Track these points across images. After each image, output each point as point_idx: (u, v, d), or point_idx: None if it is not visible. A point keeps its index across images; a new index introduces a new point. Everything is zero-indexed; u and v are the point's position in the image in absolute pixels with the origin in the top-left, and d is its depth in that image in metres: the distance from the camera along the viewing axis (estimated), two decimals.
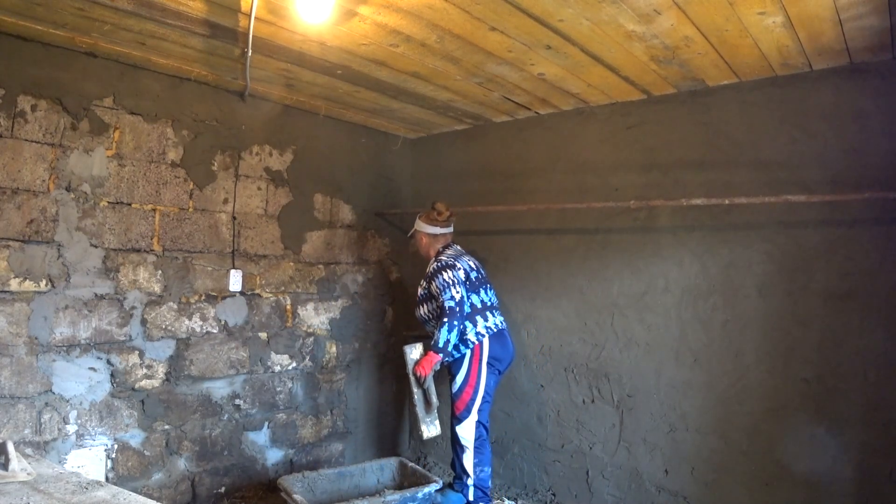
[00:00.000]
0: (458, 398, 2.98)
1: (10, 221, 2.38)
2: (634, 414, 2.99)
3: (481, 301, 3.04)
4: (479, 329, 2.97)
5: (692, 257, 2.81)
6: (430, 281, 3.02)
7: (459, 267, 2.99)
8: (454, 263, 2.99)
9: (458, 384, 2.98)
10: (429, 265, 3.12)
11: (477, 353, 2.96)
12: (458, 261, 3.03)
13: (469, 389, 2.95)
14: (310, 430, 3.51)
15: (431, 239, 3.19)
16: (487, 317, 3.02)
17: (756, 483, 2.59)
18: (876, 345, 2.33)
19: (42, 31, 2.34)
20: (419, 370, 2.94)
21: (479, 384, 2.95)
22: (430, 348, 2.93)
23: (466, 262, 3.08)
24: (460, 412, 2.97)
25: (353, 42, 2.39)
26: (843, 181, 2.39)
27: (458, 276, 2.94)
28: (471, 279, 3.03)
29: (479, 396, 2.95)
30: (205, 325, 3.01)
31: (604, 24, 2.15)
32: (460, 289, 2.91)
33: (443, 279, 2.93)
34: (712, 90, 2.77)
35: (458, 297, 2.89)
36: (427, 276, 3.07)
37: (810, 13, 1.98)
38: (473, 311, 2.99)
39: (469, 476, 2.97)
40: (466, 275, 3.01)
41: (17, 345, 2.39)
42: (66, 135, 2.53)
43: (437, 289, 2.95)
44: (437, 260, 3.07)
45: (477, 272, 3.11)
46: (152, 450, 2.81)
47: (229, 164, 3.11)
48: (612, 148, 3.12)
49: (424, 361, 2.94)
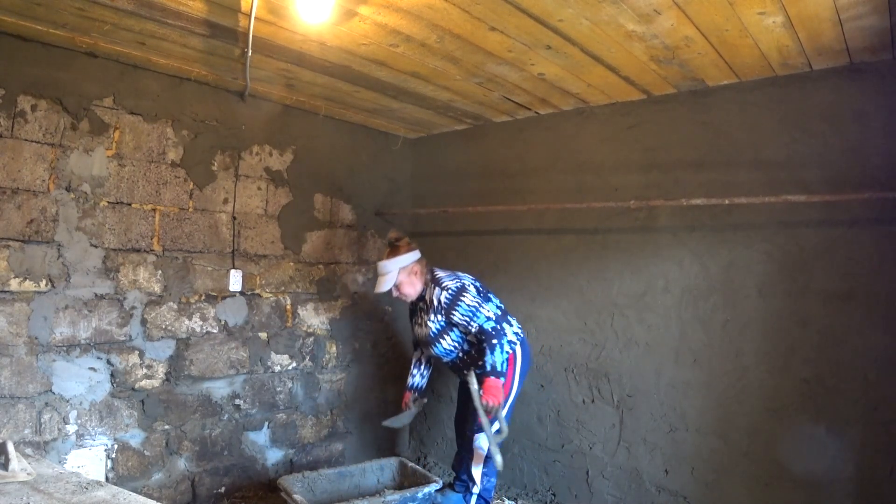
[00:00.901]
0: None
1: (10, 221, 2.38)
2: (634, 414, 2.98)
3: (498, 307, 2.81)
4: (510, 337, 2.74)
5: (692, 257, 2.81)
6: (448, 312, 2.70)
7: (469, 284, 2.75)
8: (462, 284, 2.72)
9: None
10: (427, 294, 2.79)
11: (512, 362, 2.76)
12: (460, 279, 2.77)
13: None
14: (310, 430, 3.51)
15: (413, 269, 2.76)
16: (511, 321, 2.83)
17: (756, 483, 2.59)
18: (876, 345, 2.32)
19: (42, 31, 2.33)
20: (492, 400, 2.52)
21: (511, 395, 2.76)
22: (490, 374, 2.57)
23: (462, 274, 2.85)
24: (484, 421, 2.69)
25: (353, 42, 2.39)
26: (843, 181, 2.39)
27: (476, 294, 2.70)
28: (479, 289, 2.79)
29: (507, 407, 2.74)
30: (205, 325, 3.01)
31: (604, 24, 2.15)
32: (488, 306, 2.69)
33: (467, 305, 2.66)
34: (712, 90, 2.77)
35: (493, 315, 2.66)
36: (438, 309, 2.72)
37: (810, 13, 1.98)
38: (499, 318, 2.75)
39: (475, 484, 2.81)
40: (478, 290, 2.78)
41: (17, 345, 2.39)
42: (66, 135, 2.53)
43: (463, 317, 2.67)
44: (438, 287, 2.73)
45: (477, 281, 2.90)
46: (152, 450, 2.81)
47: (229, 164, 3.11)
48: (612, 148, 3.11)
49: (492, 390, 2.54)
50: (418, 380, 3.12)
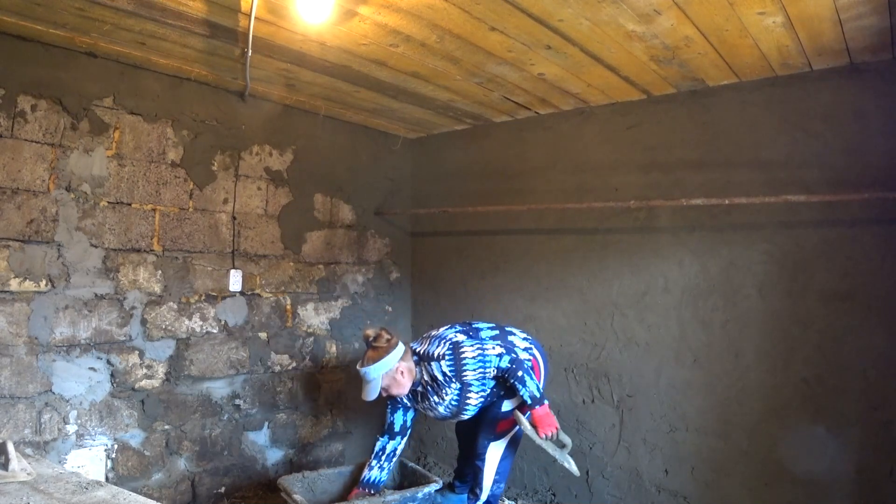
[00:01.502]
0: (508, 417, 2.61)
1: (10, 221, 2.38)
2: (634, 414, 2.99)
3: (489, 327, 2.75)
4: (522, 346, 2.69)
5: (692, 257, 2.81)
6: (459, 377, 2.51)
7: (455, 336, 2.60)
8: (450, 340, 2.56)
9: (512, 405, 2.62)
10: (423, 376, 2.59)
11: (537, 369, 2.69)
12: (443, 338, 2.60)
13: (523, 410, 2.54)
14: (310, 430, 3.51)
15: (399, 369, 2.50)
16: (515, 332, 2.78)
17: (756, 483, 2.59)
18: (876, 345, 2.33)
19: (42, 31, 2.33)
20: (550, 431, 2.46)
21: None
22: (531, 407, 2.47)
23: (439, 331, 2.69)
24: (501, 430, 2.65)
25: (353, 42, 2.39)
26: (843, 181, 2.39)
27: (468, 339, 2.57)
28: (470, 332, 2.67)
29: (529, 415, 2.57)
30: (205, 325, 3.01)
31: (604, 24, 2.15)
32: (491, 343, 2.56)
33: (472, 358, 2.49)
34: (712, 90, 2.77)
35: (500, 348, 2.53)
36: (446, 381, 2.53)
37: (810, 13, 1.98)
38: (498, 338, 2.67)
39: (483, 491, 2.69)
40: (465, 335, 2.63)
41: (17, 345, 2.39)
42: (66, 135, 2.53)
43: (476, 371, 2.50)
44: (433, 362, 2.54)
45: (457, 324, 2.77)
46: (152, 450, 2.81)
47: (229, 164, 3.11)
48: (612, 148, 3.12)
49: (544, 421, 2.46)
50: (376, 473, 2.70)
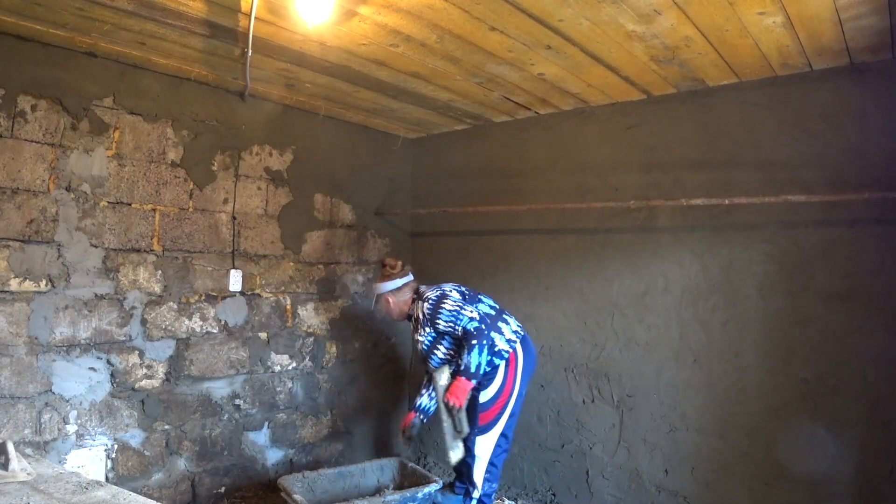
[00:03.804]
0: (487, 409, 2.73)
1: (10, 221, 2.38)
2: (634, 414, 2.99)
3: (490, 307, 2.85)
4: (508, 336, 2.77)
5: (692, 257, 2.81)
6: (433, 322, 2.74)
7: (451, 290, 2.79)
8: (442, 291, 2.77)
9: (491, 395, 2.73)
10: (415, 312, 2.85)
11: (513, 362, 2.76)
12: (441, 287, 2.82)
13: (501, 401, 2.72)
14: (310, 430, 3.51)
15: (398, 293, 2.88)
16: (508, 321, 2.84)
17: (756, 483, 2.59)
18: (876, 345, 2.33)
19: (42, 31, 2.33)
20: (453, 400, 2.61)
21: (512, 396, 2.75)
22: (461, 374, 2.62)
23: (447, 284, 2.88)
24: (485, 423, 2.74)
25: (353, 42, 2.39)
26: (843, 181, 2.39)
27: (458, 298, 2.73)
28: (464, 294, 2.82)
29: (510, 409, 2.75)
30: (205, 325, 3.01)
31: (604, 24, 2.15)
32: (471, 307, 2.70)
33: (448, 310, 2.69)
34: (712, 90, 2.77)
35: (477, 315, 2.67)
36: (424, 321, 2.78)
37: (810, 13, 1.98)
38: (493, 320, 2.77)
39: (476, 488, 2.77)
40: (459, 292, 2.80)
41: (17, 345, 2.39)
42: (66, 135, 2.53)
43: (447, 322, 2.69)
44: (423, 301, 2.79)
45: (462, 287, 2.91)
46: (152, 450, 2.81)
47: (229, 164, 3.11)
48: (612, 148, 3.12)
49: (457, 390, 2.61)
50: (426, 401, 2.97)
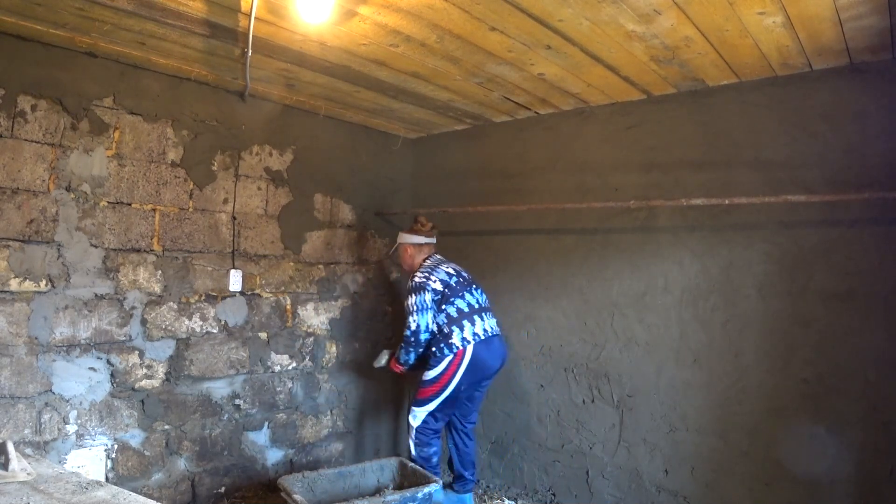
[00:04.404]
0: (423, 388, 2.99)
1: (10, 221, 2.38)
2: (634, 414, 2.99)
3: (468, 304, 2.98)
4: (465, 335, 2.91)
5: (692, 257, 2.81)
6: (406, 296, 3.07)
7: (432, 282, 2.98)
8: (425, 283, 2.99)
9: (429, 378, 2.97)
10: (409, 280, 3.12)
11: (458, 359, 2.89)
12: (435, 272, 3.03)
13: (435, 388, 2.94)
14: (310, 430, 3.51)
15: (416, 249, 3.22)
16: (476, 321, 2.95)
17: (756, 483, 2.59)
18: (876, 345, 2.33)
19: (42, 31, 2.33)
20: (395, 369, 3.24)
21: (446, 389, 2.91)
22: (396, 359, 3.16)
23: (444, 269, 3.06)
24: (420, 398, 3.00)
25: (353, 42, 2.39)
26: (843, 181, 2.39)
27: (424, 300, 2.96)
28: (450, 285, 2.99)
29: (444, 396, 2.92)
30: (205, 325, 3.01)
31: (604, 24, 2.15)
32: (417, 317, 2.96)
33: (411, 301, 2.99)
34: (712, 90, 2.77)
35: (414, 327, 2.97)
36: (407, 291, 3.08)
37: (810, 13, 1.98)
38: (460, 316, 2.93)
39: (410, 449, 3.06)
40: (445, 283, 2.98)
41: (17, 345, 2.39)
42: (66, 135, 2.53)
43: (406, 306, 3.03)
44: (413, 276, 3.07)
45: (458, 276, 3.06)
46: (152, 450, 2.81)
47: (229, 164, 3.11)
48: (612, 148, 3.12)
49: (394, 366, 3.22)
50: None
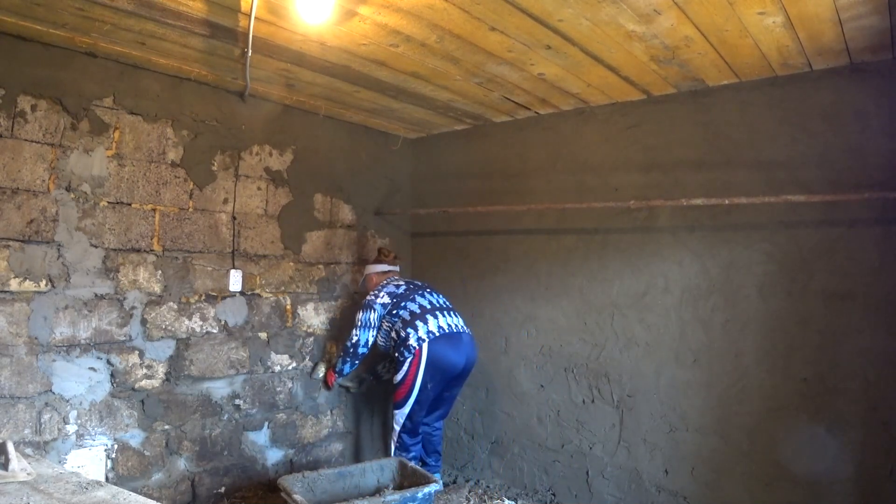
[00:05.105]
0: (396, 390, 3.09)
1: (10, 221, 2.38)
2: (634, 414, 2.99)
3: (420, 306, 3.11)
4: (420, 334, 3.00)
5: (692, 257, 2.81)
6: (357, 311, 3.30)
7: (380, 298, 3.20)
8: (372, 301, 3.21)
9: (397, 381, 3.08)
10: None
11: (416, 358, 2.99)
12: (384, 289, 3.24)
13: (403, 389, 3.04)
14: (310, 430, 3.51)
15: (380, 276, 3.39)
16: (429, 319, 3.05)
17: (756, 483, 2.59)
18: (876, 345, 2.33)
19: (42, 31, 2.33)
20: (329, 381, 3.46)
21: (414, 389, 3.01)
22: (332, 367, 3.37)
23: (393, 284, 3.27)
24: (396, 401, 3.10)
25: (353, 42, 2.39)
26: (843, 181, 2.39)
27: (369, 318, 3.19)
28: (398, 294, 3.19)
29: (413, 398, 3.02)
30: (205, 325, 3.01)
31: (604, 24, 2.15)
32: (360, 332, 3.20)
33: (356, 318, 3.22)
34: (712, 90, 2.77)
35: (355, 340, 3.19)
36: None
37: (810, 13, 1.98)
38: (413, 318, 3.05)
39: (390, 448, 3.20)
40: (392, 294, 3.19)
41: (17, 345, 2.39)
42: (66, 135, 2.53)
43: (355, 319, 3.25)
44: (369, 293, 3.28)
45: (407, 285, 3.26)
46: (152, 450, 2.81)
47: (229, 164, 3.11)
48: (612, 148, 3.12)
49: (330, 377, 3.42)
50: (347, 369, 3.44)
